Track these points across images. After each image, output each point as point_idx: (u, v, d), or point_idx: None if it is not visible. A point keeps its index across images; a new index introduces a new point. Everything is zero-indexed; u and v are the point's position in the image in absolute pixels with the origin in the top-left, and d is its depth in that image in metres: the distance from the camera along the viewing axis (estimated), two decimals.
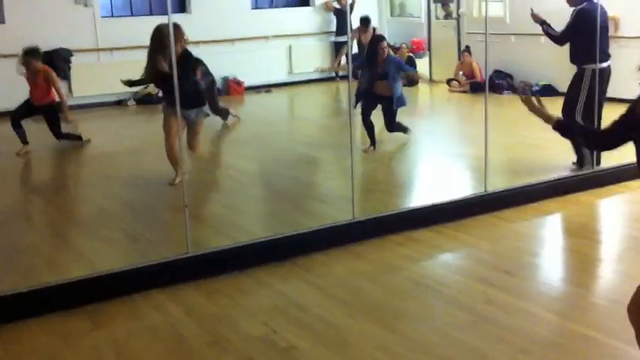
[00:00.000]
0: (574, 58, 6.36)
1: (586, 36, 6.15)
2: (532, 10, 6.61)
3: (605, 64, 6.28)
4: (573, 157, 6.47)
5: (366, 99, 7.48)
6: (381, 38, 7.66)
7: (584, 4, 6.22)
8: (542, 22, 6.51)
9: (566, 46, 6.45)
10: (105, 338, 3.69)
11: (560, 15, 6.59)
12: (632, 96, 8.85)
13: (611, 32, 10.03)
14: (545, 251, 4.90)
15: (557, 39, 6.48)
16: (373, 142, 7.48)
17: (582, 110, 6.18)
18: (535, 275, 4.44)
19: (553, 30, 6.47)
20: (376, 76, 7.44)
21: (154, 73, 6.10)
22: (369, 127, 7.43)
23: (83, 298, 4.05)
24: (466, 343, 3.48)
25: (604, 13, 6.35)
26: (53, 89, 8.19)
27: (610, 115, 7.54)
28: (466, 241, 4.93)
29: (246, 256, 4.55)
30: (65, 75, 11.33)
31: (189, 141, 6.40)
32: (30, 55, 8.13)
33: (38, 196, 6.83)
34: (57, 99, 8.22)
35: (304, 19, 13.60)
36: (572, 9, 6.34)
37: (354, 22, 11.64)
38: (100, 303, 4.04)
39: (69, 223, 5.73)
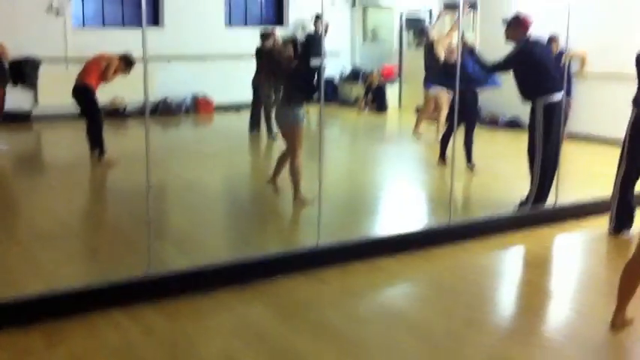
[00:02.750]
0: (524, 95, 6.29)
1: (530, 73, 6.14)
2: (463, 34, 6.69)
3: (556, 97, 6.16)
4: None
5: None
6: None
7: (524, 43, 6.18)
8: (470, 51, 6.63)
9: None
10: (61, 357, 3.60)
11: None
12: (598, 132, 9.02)
13: (577, 68, 10.37)
14: (505, 284, 4.95)
15: (489, 67, 6.57)
16: None
17: (542, 146, 6.21)
18: (495, 308, 4.48)
19: (480, 58, 6.57)
20: None
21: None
22: None
23: (40, 315, 3.96)
24: None
25: (547, 49, 6.48)
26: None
27: (572, 150, 7.60)
28: (429, 271, 4.97)
29: (209, 278, 4.51)
30: (32, 84, 11.18)
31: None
32: None
33: None
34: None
35: None
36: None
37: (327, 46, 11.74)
38: (57, 320, 3.95)
39: (28, 234, 5.62)
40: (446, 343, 3.81)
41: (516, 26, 6.25)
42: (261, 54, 10.02)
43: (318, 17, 12.99)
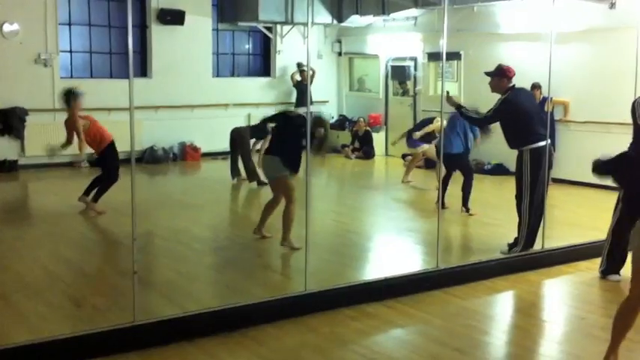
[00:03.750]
0: (511, 143, 6.42)
1: (516, 121, 6.26)
2: (447, 93, 6.75)
3: (541, 143, 6.30)
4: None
5: None
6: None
7: (509, 93, 6.32)
8: (458, 107, 6.67)
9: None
10: None
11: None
12: (581, 179, 9.11)
13: (560, 116, 10.53)
14: (495, 330, 4.91)
15: (479, 121, 6.68)
16: None
17: (530, 191, 6.26)
18: (485, 354, 4.44)
19: (472, 113, 6.64)
20: None
21: None
22: None
23: None
24: None
25: (531, 96, 6.55)
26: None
27: (558, 196, 7.65)
28: (418, 317, 4.93)
29: (195, 326, 4.45)
30: (19, 134, 11.20)
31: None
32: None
33: None
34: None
35: (264, 89, 13.81)
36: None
37: (313, 95, 11.89)
38: None
39: (13, 285, 5.54)
40: None
41: (500, 77, 6.37)
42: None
43: (299, 66, 13.22)
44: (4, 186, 10.37)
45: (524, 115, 6.28)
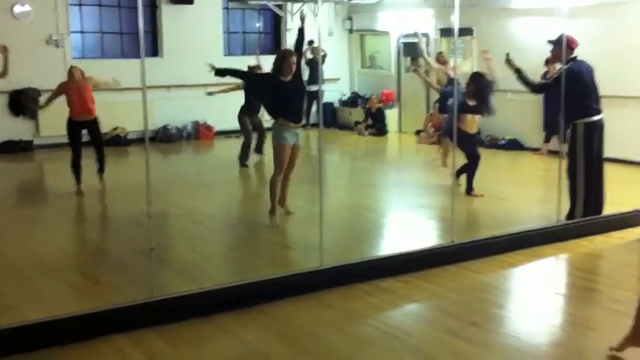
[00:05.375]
0: (565, 116, 6.33)
1: (575, 93, 6.21)
2: (508, 55, 6.66)
3: (595, 117, 6.31)
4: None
5: None
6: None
7: (571, 63, 6.29)
8: (518, 70, 6.59)
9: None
10: None
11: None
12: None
13: None
14: (510, 303, 4.92)
15: (537, 87, 6.56)
16: None
17: (584, 165, 6.23)
18: (501, 327, 4.44)
19: (530, 78, 6.54)
20: None
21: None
22: None
23: (42, 342, 3.93)
24: None
25: (591, 70, 6.44)
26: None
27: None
28: (433, 292, 4.93)
29: (211, 302, 4.48)
30: (32, 115, 11.25)
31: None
32: None
33: None
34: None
35: None
36: (549, 67, 6.41)
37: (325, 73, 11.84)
38: (60, 347, 3.92)
39: (30, 264, 5.59)
40: None
41: (562, 46, 6.29)
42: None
43: (310, 43, 13.10)
44: (20, 166, 10.45)
45: (584, 88, 6.24)
